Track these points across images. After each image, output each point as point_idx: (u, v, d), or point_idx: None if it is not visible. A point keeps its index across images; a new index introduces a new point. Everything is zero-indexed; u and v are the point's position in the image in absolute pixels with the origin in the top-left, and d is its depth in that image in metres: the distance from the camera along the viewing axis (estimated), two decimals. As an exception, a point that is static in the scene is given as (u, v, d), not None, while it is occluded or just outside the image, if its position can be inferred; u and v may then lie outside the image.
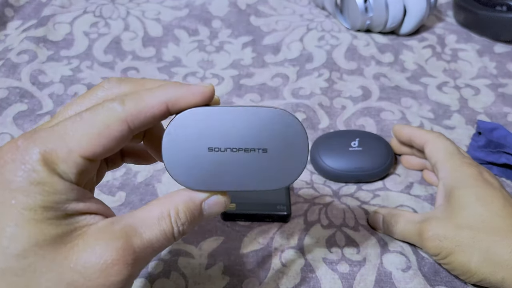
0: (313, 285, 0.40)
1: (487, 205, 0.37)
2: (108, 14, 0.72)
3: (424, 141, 0.45)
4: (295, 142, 0.25)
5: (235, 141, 0.25)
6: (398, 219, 0.42)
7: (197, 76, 0.62)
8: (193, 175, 0.25)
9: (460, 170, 0.40)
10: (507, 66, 0.67)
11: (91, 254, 0.21)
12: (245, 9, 0.75)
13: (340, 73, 0.64)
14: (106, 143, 0.22)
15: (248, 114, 0.24)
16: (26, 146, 0.21)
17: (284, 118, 0.24)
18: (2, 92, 0.56)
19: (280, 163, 0.25)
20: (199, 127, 0.24)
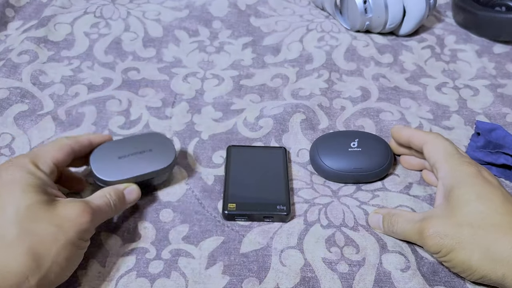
0: (312, 284, 0.40)
1: (487, 203, 0.38)
2: (108, 14, 0.72)
3: (423, 142, 0.45)
4: (167, 145, 0.46)
5: (135, 149, 0.45)
6: (398, 218, 0.42)
7: (197, 77, 0.62)
8: (110, 174, 0.43)
9: (459, 169, 0.41)
10: (506, 67, 0.67)
11: (68, 208, 0.37)
12: (245, 10, 0.76)
13: (339, 74, 0.64)
14: (62, 156, 0.41)
15: (140, 136, 0.47)
16: (19, 158, 0.39)
17: (158, 134, 0.48)
18: (3, 92, 0.57)
19: (161, 155, 0.45)
20: (111, 148, 0.45)
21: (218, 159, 0.51)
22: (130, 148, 0.45)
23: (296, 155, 0.52)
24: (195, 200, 0.47)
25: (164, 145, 0.46)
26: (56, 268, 0.34)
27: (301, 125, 0.55)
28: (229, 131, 0.55)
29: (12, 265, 0.32)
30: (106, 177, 0.43)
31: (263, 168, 0.49)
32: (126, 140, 0.46)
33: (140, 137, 0.47)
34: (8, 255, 0.32)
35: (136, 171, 0.44)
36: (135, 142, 0.46)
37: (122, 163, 0.44)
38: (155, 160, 0.44)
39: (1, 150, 0.50)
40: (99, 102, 0.57)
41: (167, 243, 0.43)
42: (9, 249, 0.32)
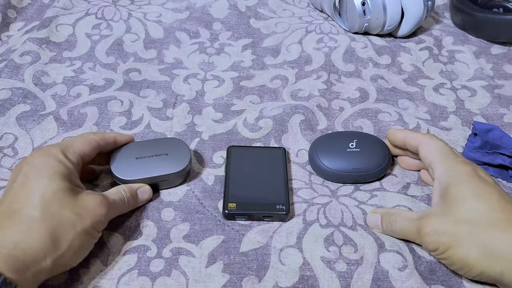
0: (311, 283, 0.41)
1: (483, 200, 0.38)
2: (110, 16, 0.72)
3: (418, 143, 0.46)
4: (184, 151, 0.48)
5: (149, 152, 0.47)
6: (396, 217, 0.43)
7: (198, 78, 0.63)
8: (126, 173, 0.46)
9: (455, 168, 0.41)
10: (503, 68, 0.68)
11: (88, 199, 0.39)
12: (245, 12, 0.76)
13: (338, 75, 0.65)
14: (89, 150, 0.44)
15: (159, 140, 0.50)
16: (51, 147, 0.41)
17: (177, 140, 0.49)
18: (5, 92, 0.57)
19: (177, 158, 0.47)
20: (130, 149, 0.48)
21: (219, 159, 0.52)
22: (148, 150, 0.47)
23: (296, 155, 0.53)
24: (196, 200, 0.48)
25: (180, 151, 0.48)
26: (70, 252, 0.37)
27: (300, 125, 0.56)
28: (229, 131, 0.55)
29: (33, 243, 0.35)
30: (122, 175, 0.46)
31: (263, 168, 0.49)
32: (145, 143, 0.49)
33: (159, 141, 0.49)
34: (31, 234, 0.35)
35: (149, 173, 0.46)
36: (153, 145, 0.48)
37: (138, 164, 0.46)
38: (169, 164, 0.46)
39: (4, 150, 0.51)
40: (100, 103, 0.58)
41: (168, 242, 0.43)
42: (33, 229, 0.35)
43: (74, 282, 0.40)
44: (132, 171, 0.46)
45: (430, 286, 0.41)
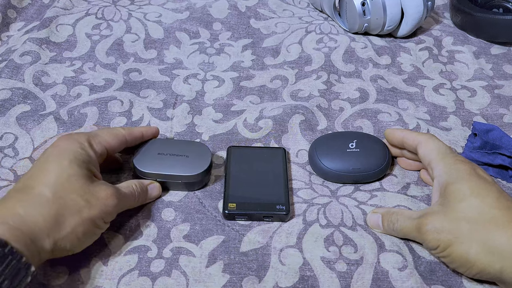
0: (311, 283, 0.41)
1: (482, 198, 0.38)
2: (110, 16, 0.72)
3: (417, 143, 0.46)
4: (204, 154, 0.48)
5: (172, 151, 0.48)
6: (397, 216, 0.43)
7: (198, 78, 0.63)
8: (149, 165, 0.47)
9: (454, 166, 0.42)
10: (503, 68, 0.68)
11: (100, 188, 0.40)
12: (245, 12, 0.76)
13: (338, 75, 0.65)
14: (116, 143, 0.45)
15: (184, 141, 0.52)
16: (80, 134, 0.43)
17: (198, 144, 0.50)
18: (6, 93, 0.57)
19: (195, 163, 0.47)
20: (154, 144, 0.49)
21: (219, 159, 0.52)
22: (170, 149, 0.48)
23: (296, 155, 0.53)
24: (196, 200, 0.48)
25: (201, 156, 0.48)
26: (73, 237, 0.37)
27: (300, 126, 0.56)
28: (229, 132, 0.55)
29: (39, 220, 0.35)
30: (140, 167, 0.47)
31: (263, 169, 0.49)
32: (170, 141, 0.51)
33: (183, 142, 0.51)
34: (38, 211, 0.36)
35: (166, 170, 0.47)
36: (177, 145, 0.49)
37: (158, 160, 0.47)
38: (187, 165, 0.47)
39: (5, 150, 0.51)
40: (101, 103, 0.58)
41: (169, 241, 0.44)
42: (41, 207, 0.36)
43: (75, 282, 0.40)
44: (150, 165, 0.47)
45: (430, 286, 0.41)
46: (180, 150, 0.48)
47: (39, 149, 0.51)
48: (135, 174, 0.48)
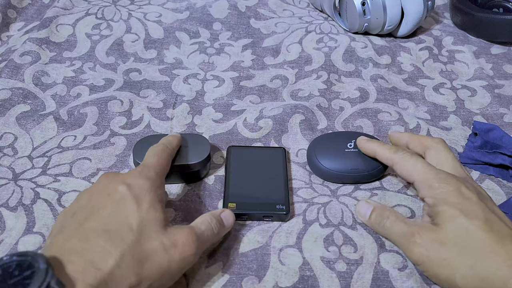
0: (311, 283, 0.41)
1: (470, 219, 0.37)
2: (110, 16, 0.72)
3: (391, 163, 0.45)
4: (203, 144, 0.49)
5: None
6: (390, 214, 0.42)
7: (198, 78, 0.63)
8: None
9: (439, 188, 0.40)
10: (503, 67, 0.68)
11: (177, 234, 0.36)
12: (245, 12, 0.76)
13: (338, 75, 0.65)
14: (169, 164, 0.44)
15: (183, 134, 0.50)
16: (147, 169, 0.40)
17: (196, 135, 0.51)
18: (6, 93, 0.57)
19: (195, 152, 0.48)
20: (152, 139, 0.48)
21: (219, 159, 0.52)
22: None
23: (296, 155, 0.53)
24: (197, 199, 0.48)
25: (200, 145, 0.49)
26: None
27: (300, 125, 0.56)
28: (229, 131, 0.55)
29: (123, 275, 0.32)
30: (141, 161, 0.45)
31: (263, 168, 0.49)
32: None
33: (182, 135, 0.50)
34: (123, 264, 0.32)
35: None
36: None
37: None
38: (188, 155, 0.47)
39: (4, 150, 0.51)
40: (101, 103, 0.58)
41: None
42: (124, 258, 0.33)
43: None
44: None
45: (430, 286, 0.41)
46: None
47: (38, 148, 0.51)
48: None
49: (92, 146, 0.52)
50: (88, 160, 0.50)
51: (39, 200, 0.46)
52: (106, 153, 0.52)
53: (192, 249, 0.36)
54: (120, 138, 0.54)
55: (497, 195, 0.49)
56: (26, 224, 0.44)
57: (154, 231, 0.35)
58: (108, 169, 0.50)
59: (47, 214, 0.45)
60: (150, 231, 0.35)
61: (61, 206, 0.46)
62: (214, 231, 0.40)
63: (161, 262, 0.34)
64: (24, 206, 0.45)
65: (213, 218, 0.40)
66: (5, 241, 0.42)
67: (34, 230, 0.43)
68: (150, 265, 0.34)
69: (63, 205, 0.46)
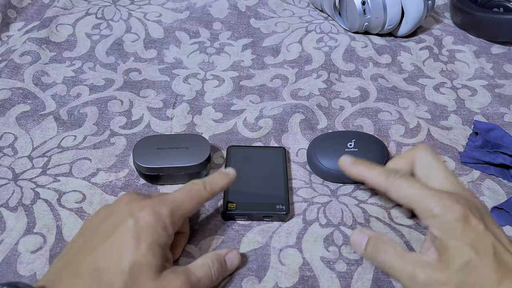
0: (311, 283, 0.41)
1: (478, 256, 0.35)
2: (110, 16, 0.72)
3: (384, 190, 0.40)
4: (203, 145, 0.49)
5: (171, 144, 0.48)
6: (387, 248, 0.38)
7: (198, 78, 0.63)
8: (150, 160, 0.47)
9: (444, 219, 0.36)
10: (503, 67, 0.68)
11: (171, 281, 0.35)
12: (245, 11, 0.76)
13: (338, 74, 0.65)
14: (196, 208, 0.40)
15: (181, 135, 0.51)
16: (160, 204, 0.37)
17: (196, 135, 0.50)
18: (6, 93, 0.57)
19: (195, 153, 0.48)
20: (152, 139, 0.49)
21: (219, 159, 0.52)
22: (169, 143, 0.49)
23: (296, 154, 0.53)
24: (196, 200, 0.47)
25: (200, 146, 0.49)
26: None
27: (300, 125, 0.56)
28: (229, 131, 0.55)
29: None
30: (141, 163, 0.47)
31: (263, 168, 0.49)
32: (167, 136, 0.51)
33: (180, 136, 0.51)
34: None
35: (169, 163, 0.47)
36: (174, 139, 0.50)
37: (158, 154, 0.48)
38: (188, 156, 0.47)
39: (4, 150, 0.51)
40: (100, 103, 0.58)
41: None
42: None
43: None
44: (152, 160, 0.47)
45: None
46: (179, 143, 0.49)
47: (38, 148, 0.51)
48: (137, 171, 0.48)
49: (92, 146, 0.52)
50: (88, 160, 0.50)
51: (39, 200, 0.46)
52: (106, 153, 0.51)
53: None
54: (120, 138, 0.54)
55: (497, 195, 0.49)
56: (26, 225, 0.44)
57: (146, 277, 0.34)
58: (108, 169, 0.50)
59: (47, 214, 0.45)
60: (142, 277, 0.33)
61: (61, 206, 0.46)
62: (213, 278, 0.38)
63: None
64: (24, 206, 0.45)
65: (215, 261, 0.38)
66: (5, 241, 0.42)
67: (35, 231, 0.43)
68: None
69: (63, 205, 0.46)
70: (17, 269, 0.40)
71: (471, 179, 0.51)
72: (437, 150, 0.54)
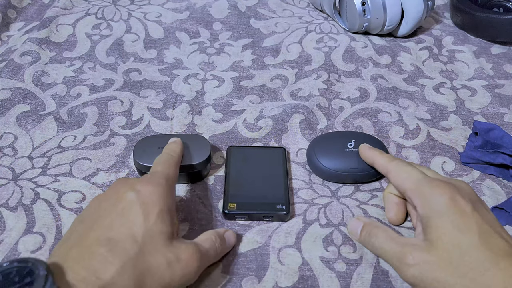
0: (311, 283, 0.41)
1: (464, 235, 0.36)
2: (110, 16, 0.72)
3: (386, 171, 0.44)
4: (203, 144, 0.49)
5: None
6: (379, 232, 0.40)
7: (198, 78, 0.63)
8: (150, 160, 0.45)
9: (431, 198, 0.38)
10: (503, 67, 0.68)
11: (182, 249, 0.36)
12: (245, 12, 0.76)
13: (338, 75, 0.65)
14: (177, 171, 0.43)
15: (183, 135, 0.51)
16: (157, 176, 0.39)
17: (196, 135, 0.51)
18: (6, 93, 0.57)
19: (195, 153, 0.48)
20: (153, 139, 0.50)
21: (219, 159, 0.52)
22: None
23: (296, 155, 0.53)
24: (197, 199, 0.48)
25: (200, 145, 0.49)
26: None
27: (300, 125, 0.56)
28: (229, 131, 0.55)
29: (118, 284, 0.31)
30: (142, 162, 0.47)
31: (263, 168, 0.49)
32: (167, 136, 0.50)
33: (180, 136, 0.50)
34: (123, 275, 0.32)
35: None
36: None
37: (159, 153, 0.46)
38: (188, 156, 0.47)
39: (4, 150, 0.51)
40: (100, 103, 0.58)
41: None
42: (125, 269, 0.32)
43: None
44: (153, 159, 0.45)
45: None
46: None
47: (38, 148, 0.51)
48: (138, 171, 0.48)
49: (92, 146, 0.52)
50: (88, 160, 0.51)
51: (39, 200, 0.46)
52: (106, 153, 0.52)
53: (194, 267, 0.36)
54: (120, 138, 0.54)
55: (497, 195, 0.49)
56: (26, 224, 0.44)
57: (159, 244, 0.34)
58: (108, 169, 0.50)
59: (47, 214, 0.45)
60: (155, 244, 0.34)
61: (61, 206, 0.46)
62: (217, 251, 0.40)
63: (163, 277, 0.34)
64: (24, 206, 0.45)
65: (217, 237, 0.40)
66: (5, 241, 0.42)
67: (34, 230, 0.43)
68: (151, 278, 0.33)
69: (63, 205, 0.46)
70: (17, 269, 0.40)
71: (471, 179, 0.51)
72: (437, 151, 0.54)
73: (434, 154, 0.53)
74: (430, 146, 0.54)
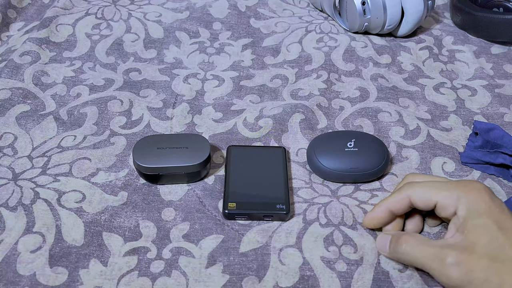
0: (311, 283, 0.41)
1: (506, 233, 0.36)
2: (110, 15, 0.72)
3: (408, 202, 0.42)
4: (203, 144, 0.49)
5: (171, 144, 0.48)
6: (408, 239, 0.39)
7: (198, 78, 0.63)
8: (150, 160, 0.47)
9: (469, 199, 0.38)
10: (503, 67, 0.68)
11: None
12: (245, 11, 0.76)
13: (338, 75, 0.65)
14: None
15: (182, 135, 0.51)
16: None
17: (196, 135, 0.50)
18: (5, 93, 0.57)
19: (195, 153, 0.48)
20: (152, 139, 0.49)
21: (219, 159, 0.52)
22: (169, 142, 0.49)
23: (296, 154, 0.53)
24: (196, 199, 0.47)
25: (200, 146, 0.49)
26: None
27: (300, 125, 0.56)
28: (229, 131, 0.55)
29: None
30: (142, 162, 0.47)
31: (263, 168, 0.49)
32: (167, 136, 0.50)
33: (180, 136, 0.50)
34: None
35: (168, 162, 0.47)
36: (174, 139, 0.49)
37: (158, 154, 0.47)
38: (188, 156, 0.47)
39: (4, 150, 0.51)
40: (100, 103, 0.58)
41: (168, 242, 0.43)
42: None
43: (74, 282, 0.40)
44: (152, 160, 0.47)
45: None
46: (179, 142, 0.49)
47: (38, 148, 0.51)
48: (137, 171, 0.48)
49: (92, 146, 0.52)
50: (88, 160, 0.50)
51: (39, 200, 0.46)
52: (106, 153, 0.51)
53: None
54: (120, 138, 0.54)
55: (498, 195, 0.49)
56: (25, 224, 0.44)
57: None
58: (108, 169, 0.50)
59: (46, 214, 0.45)
60: None
61: (60, 206, 0.46)
62: None
63: None
64: (24, 206, 0.45)
65: None
66: (5, 241, 0.42)
67: (34, 230, 0.43)
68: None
69: (63, 205, 0.46)
70: (16, 268, 0.40)
71: (472, 179, 0.51)
72: (437, 151, 0.54)
73: (434, 154, 0.53)
74: (430, 146, 0.54)
